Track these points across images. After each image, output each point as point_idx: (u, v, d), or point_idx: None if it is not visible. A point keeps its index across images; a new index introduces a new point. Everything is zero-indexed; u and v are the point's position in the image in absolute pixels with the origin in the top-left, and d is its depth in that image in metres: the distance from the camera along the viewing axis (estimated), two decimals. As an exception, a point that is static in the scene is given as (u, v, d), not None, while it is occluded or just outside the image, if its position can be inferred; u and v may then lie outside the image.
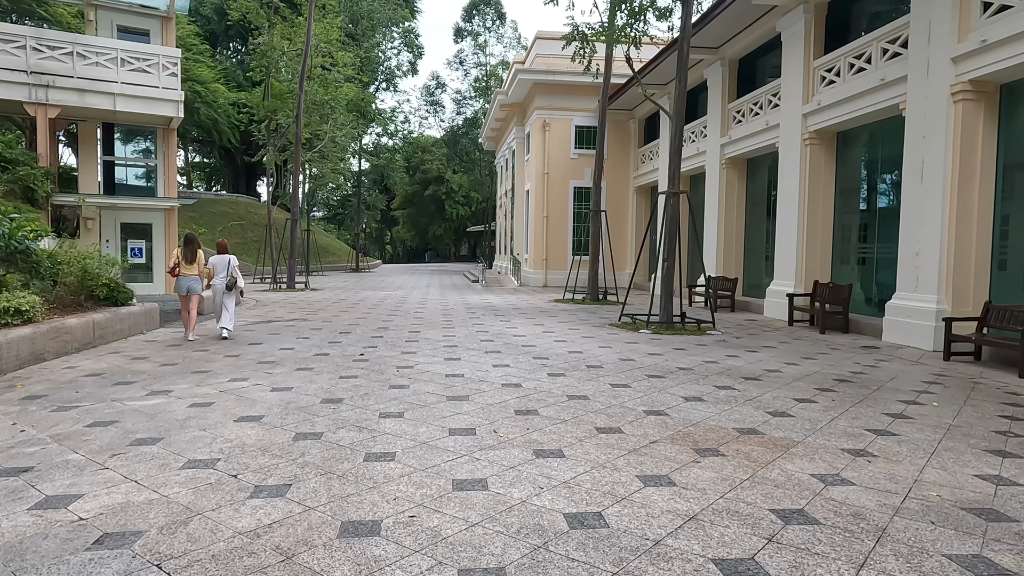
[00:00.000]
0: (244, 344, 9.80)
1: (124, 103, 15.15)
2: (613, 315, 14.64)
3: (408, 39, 48.96)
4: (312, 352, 9.02)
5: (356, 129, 32.84)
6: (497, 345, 9.83)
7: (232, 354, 8.85)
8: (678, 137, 12.21)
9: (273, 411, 5.65)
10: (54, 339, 8.43)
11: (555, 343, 10.12)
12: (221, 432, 5.00)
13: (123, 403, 5.96)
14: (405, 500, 3.64)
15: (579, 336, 11.05)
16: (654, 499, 3.70)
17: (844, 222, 14.04)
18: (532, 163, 26.72)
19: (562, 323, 13.01)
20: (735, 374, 7.72)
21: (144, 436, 4.90)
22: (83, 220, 16.51)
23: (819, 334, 12.03)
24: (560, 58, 26.36)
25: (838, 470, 4.28)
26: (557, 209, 25.94)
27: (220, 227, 40.47)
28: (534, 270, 26.14)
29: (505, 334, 11.18)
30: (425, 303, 17.72)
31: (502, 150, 36.58)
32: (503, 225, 38.20)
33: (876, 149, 13.03)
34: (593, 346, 9.85)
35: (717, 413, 5.76)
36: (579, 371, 7.71)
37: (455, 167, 58.25)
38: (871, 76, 12.06)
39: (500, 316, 14.28)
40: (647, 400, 6.22)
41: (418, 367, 7.86)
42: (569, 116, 25.99)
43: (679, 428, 5.23)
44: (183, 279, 10.52)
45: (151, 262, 17.36)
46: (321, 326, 12.12)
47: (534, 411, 5.71)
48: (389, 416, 5.49)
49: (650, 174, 24.30)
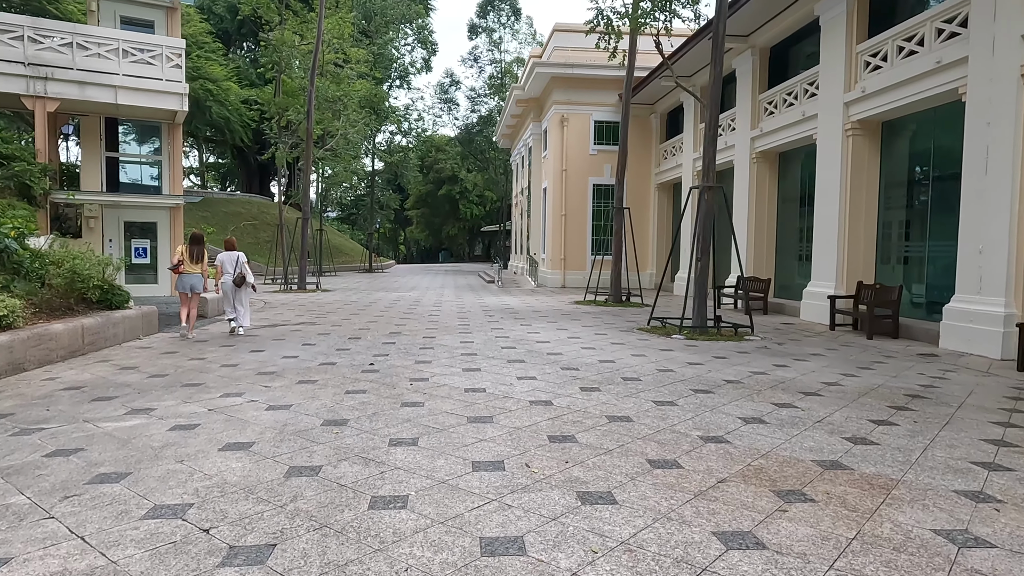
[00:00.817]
0: (244, 351, 9.03)
1: (126, 96, 14.46)
2: (639, 318, 13.74)
3: (422, 35, 48.24)
4: (317, 361, 8.22)
5: (369, 126, 32.11)
6: (520, 353, 8.98)
7: (229, 363, 8.08)
8: (713, 126, 11.30)
9: (266, 436, 4.85)
10: (36, 347, 7.70)
11: (583, 350, 9.26)
12: (201, 465, 4.19)
13: (96, 425, 5.19)
14: (420, 571, 2.81)
15: (607, 342, 10.18)
16: (744, 571, 2.84)
17: (889, 218, 13.05)
18: (549, 160, 25.85)
19: (587, 327, 12.14)
20: (790, 388, 6.82)
21: (109, 470, 4.11)
22: (85, 219, 15.88)
23: (867, 340, 11.07)
24: (579, 51, 25.49)
25: (964, 523, 3.39)
26: (576, 207, 25.05)
27: (232, 227, 39.96)
28: (551, 270, 25.27)
29: (527, 340, 10.33)
30: (440, 305, 16.92)
31: (518, 147, 35.72)
32: (519, 224, 37.34)
33: (927, 138, 12.03)
34: (625, 354, 8.98)
35: (786, 440, 4.87)
36: (615, 385, 6.84)
37: (469, 166, 57.49)
38: (924, 59, 11.08)
39: (520, 319, 13.43)
40: (700, 422, 5.35)
41: (434, 380, 7.03)
42: (588, 111, 25.08)
43: (747, 460, 4.36)
44: (186, 277, 10.46)
45: (156, 262, 16.70)
46: (329, 331, 11.34)
47: (571, 437, 4.86)
48: (401, 443, 4.67)
49: (672, 171, 23.34)
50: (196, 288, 10.53)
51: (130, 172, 17.37)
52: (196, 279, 10.52)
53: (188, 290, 10.50)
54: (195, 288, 10.52)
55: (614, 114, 25.11)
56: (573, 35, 26.15)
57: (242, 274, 10.76)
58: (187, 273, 10.45)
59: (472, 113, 50.48)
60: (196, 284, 10.53)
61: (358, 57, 28.24)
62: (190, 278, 10.47)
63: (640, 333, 11.39)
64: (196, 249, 10.56)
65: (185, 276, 10.45)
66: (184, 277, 10.46)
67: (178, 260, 10.47)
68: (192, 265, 10.48)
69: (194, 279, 10.50)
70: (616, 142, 25.16)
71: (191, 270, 10.47)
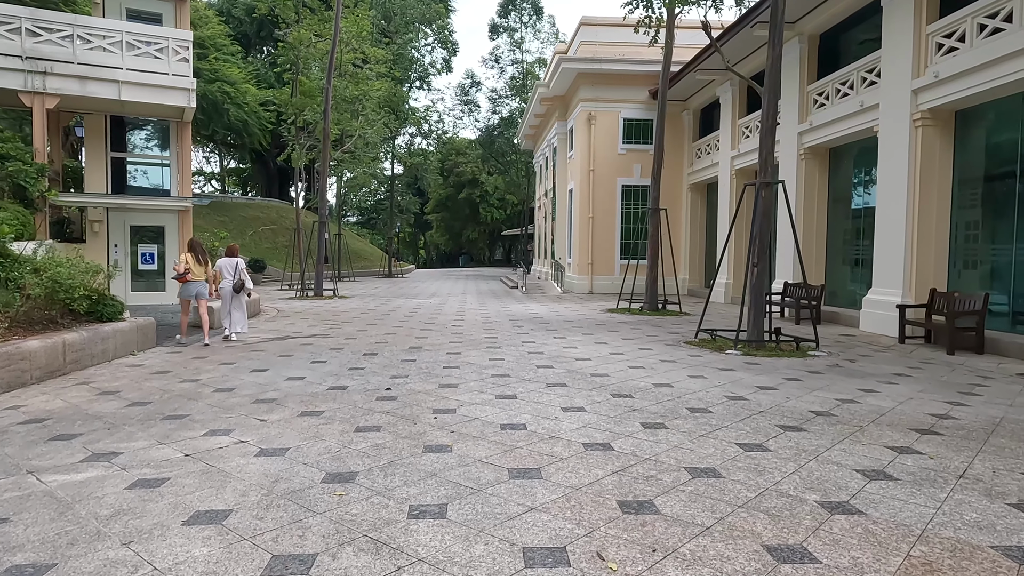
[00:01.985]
0: (245, 371, 7.96)
1: (130, 91, 13.54)
2: (683, 329, 12.49)
3: (442, 35, 47.31)
4: (326, 384, 7.11)
5: (388, 126, 31.15)
6: (559, 373, 7.81)
7: (225, 386, 7.00)
8: (772, 115, 10.04)
9: (249, 499, 3.73)
10: (5, 367, 6.69)
11: (631, 370, 8.06)
12: (155, 550, 3.08)
13: (40, 478, 4.11)
14: None
15: (656, 359, 8.96)
16: None
17: (964, 218, 11.67)
18: (576, 160, 24.66)
19: (628, 340, 10.94)
20: (896, 423, 5.56)
21: (23, 560, 3.00)
22: (89, 223, 15.01)
23: (947, 355, 9.73)
24: (607, 46, 24.31)
25: None
26: (603, 209, 23.80)
27: (250, 232, 39.30)
28: (578, 276, 24.04)
29: (564, 356, 9.15)
30: (463, 314, 15.81)
31: (541, 148, 34.55)
32: (542, 228, 36.15)
33: (1011, 128, 10.65)
34: (681, 375, 7.76)
35: (935, 508, 3.64)
36: (681, 419, 5.64)
37: (490, 168, 56.43)
38: (1012, 37, 9.73)
39: (552, 331, 12.26)
40: (809, 478, 4.13)
41: (462, 411, 5.88)
42: (616, 108, 23.84)
43: (902, 548, 3.14)
44: (192, 284, 10.36)
45: (164, 268, 15.78)
46: (343, 344, 10.26)
47: (648, 504, 3.67)
48: (424, 514, 3.52)
49: (707, 170, 22.02)
50: (202, 294, 10.44)
51: (137, 174, 16.51)
52: (203, 286, 10.43)
53: (194, 297, 10.38)
54: (201, 295, 10.41)
55: (644, 111, 23.86)
56: (600, 29, 24.99)
57: (241, 280, 10.75)
58: (193, 280, 10.33)
59: (493, 114, 49.35)
60: (203, 291, 10.44)
61: (377, 56, 27.33)
62: (196, 285, 10.35)
63: (689, 348, 10.15)
64: (200, 254, 10.46)
65: (191, 283, 10.32)
66: (190, 284, 10.33)
67: (185, 268, 10.29)
68: (198, 270, 10.38)
69: (200, 286, 10.39)
70: (647, 141, 23.96)
71: (196, 277, 10.35)
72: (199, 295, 10.38)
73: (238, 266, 10.90)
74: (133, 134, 15.99)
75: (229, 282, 10.74)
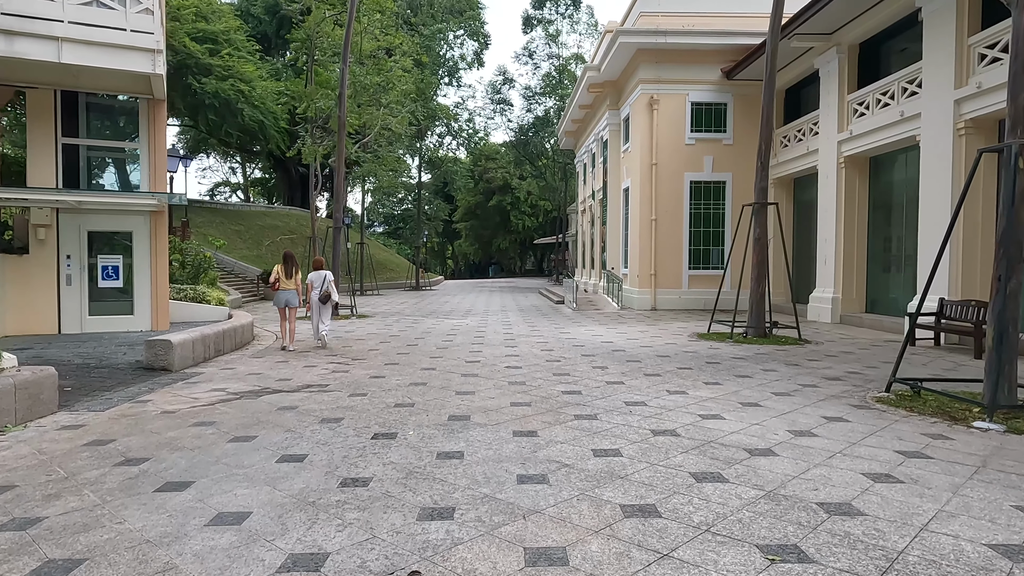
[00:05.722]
0: (148, 485, 4.32)
1: (73, 52, 10.15)
2: (833, 370, 8.61)
3: (472, 27, 43.96)
4: (285, 540, 3.45)
5: (414, 115, 27.60)
6: (739, 495, 4.02)
7: (106, 523, 3.39)
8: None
9: None
10: None
11: (876, 483, 4.24)
12: None
13: None
14: None
15: (868, 449, 5.11)
16: None
17: None
18: (633, 153, 20.87)
19: (781, 396, 7.09)
20: None
21: None
22: (33, 228, 11.69)
23: None
24: (670, 17, 20.52)
25: None
26: (668, 210, 19.92)
27: (267, 241, 36.21)
28: (638, 289, 20.17)
29: (716, 440, 5.35)
30: (514, 341, 12.12)
31: (587, 144, 30.76)
32: (587, 233, 32.31)
33: None
34: (955, 504, 3.92)
35: None
36: None
37: (523, 173, 52.87)
38: None
39: (653, 376, 8.46)
40: None
41: None
42: (683, 90, 19.99)
43: None
44: (282, 293, 11.17)
45: (131, 286, 12.37)
46: (343, 412, 6.60)
47: None
48: None
49: (795, 161, 18.04)
50: (292, 303, 11.18)
51: (97, 166, 13.19)
52: (291, 295, 11.20)
53: (284, 305, 11.11)
54: (290, 303, 11.16)
55: (716, 94, 20.02)
56: (663, -1, 21.20)
57: (327, 292, 11.33)
58: (283, 289, 11.17)
59: (528, 112, 45.76)
60: (291, 299, 11.18)
61: (403, 48, 24.03)
62: (285, 294, 11.15)
63: (894, 411, 6.28)
64: (290, 266, 11.29)
65: (281, 292, 11.15)
66: (280, 293, 11.15)
67: (275, 278, 11.22)
68: (287, 281, 11.23)
69: (289, 295, 11.18)
70: (719, 128, 20.10)
71: (286, 286, 11.21)
72: (288, 303, 11.12)
73: (326, 278, 11.39)
74: (92, 115, 12.63)
75: (318, 292, 11.29)
